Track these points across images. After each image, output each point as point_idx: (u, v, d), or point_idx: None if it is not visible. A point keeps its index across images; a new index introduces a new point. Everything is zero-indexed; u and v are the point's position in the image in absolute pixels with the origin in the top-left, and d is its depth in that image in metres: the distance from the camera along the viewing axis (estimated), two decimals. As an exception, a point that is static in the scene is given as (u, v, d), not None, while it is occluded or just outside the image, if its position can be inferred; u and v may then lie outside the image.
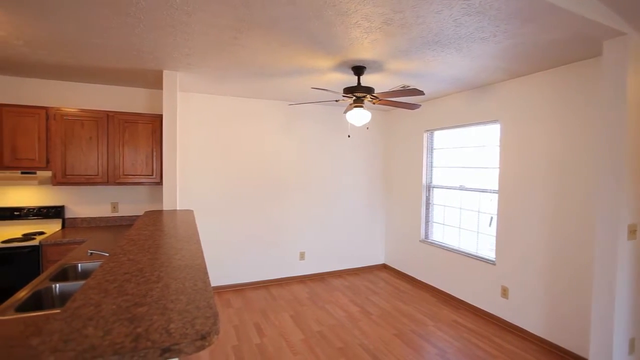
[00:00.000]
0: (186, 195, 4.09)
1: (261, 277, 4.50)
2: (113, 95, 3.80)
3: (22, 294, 1.73)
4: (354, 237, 5.15)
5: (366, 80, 3.44)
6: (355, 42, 2.45)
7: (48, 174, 3.28)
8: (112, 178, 3.49)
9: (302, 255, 4.74)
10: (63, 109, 3.32)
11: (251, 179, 4.44)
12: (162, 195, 3.97)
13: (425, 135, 4.64)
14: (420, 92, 2.71)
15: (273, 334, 3.15)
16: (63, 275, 2.15)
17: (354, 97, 3.01)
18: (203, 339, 0.78)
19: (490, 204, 3.72)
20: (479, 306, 3.69)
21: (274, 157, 4.56)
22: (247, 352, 2.84)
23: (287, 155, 4.64)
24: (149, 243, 1.72)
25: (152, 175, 3.61)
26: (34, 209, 3.45)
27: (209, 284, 1.12)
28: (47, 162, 3.28)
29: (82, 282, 1.97)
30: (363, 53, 2.70)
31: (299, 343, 3.00)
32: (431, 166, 4.67)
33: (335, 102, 3.36)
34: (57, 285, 1.88)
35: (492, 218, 3.71)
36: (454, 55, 2.72)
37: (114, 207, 3.80)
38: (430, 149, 4.67)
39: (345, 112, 3.41)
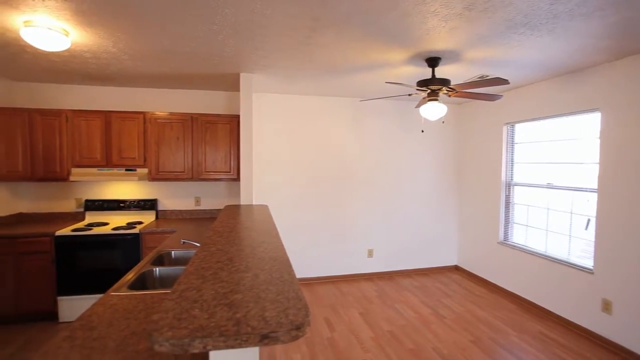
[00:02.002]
0: (258, 190, 4.33)
1: (329, 273, 4.57)
2: (196, 99, 4.17)
3: (131, 275, 1.99)
4: (424, 236, 4.95)
5: (441, 71, 3.26)
6: (431, 31, 2.34)
7: (145, 171, 3.73)
8: (195, 174, 3.83)
9: (370, 253, 4.70)
10: (156, 113, 3.74)
11: (320, 175, 4.52)
12: (238, 190, 4.26)
13: (505, 128, 4.25)
14: (504, 81, 2.48)
15: (343, 330, 3.18)
16: (160, 260, 2.42)
17: (429, 90, 2.88)
18: (298, 329, 0.81)
19: (587, 205, 3.28)
20: (572, 320, 3.27)
21: (343, 153, 4.59)
22: (319, 344, 2.91)
23: (356, 151, 4.64)
24: (233, 235, 1.85)
25: (229, 172, 3.89)
26: (134, 201, 3.95)
27: (295, 277, 1.16)
28: (144, 160, 3.73)
29: (176, 267, 2.19)
30: (439, 43, 2.56)
31: (369, 341, 2.98)
32: (512, 162, 4.27)
33: (408, 96, 3.25)
34: (158, 269, 2.13)
35: (589, 220, 3.26)
36: (544, 38, 2.44)
37: (197, 201, 4.18)
38: (511, 144, 4.27)
39: (418, 106, 3.27)
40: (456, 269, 5.08)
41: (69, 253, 3.31)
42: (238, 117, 3.86)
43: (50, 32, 2.18)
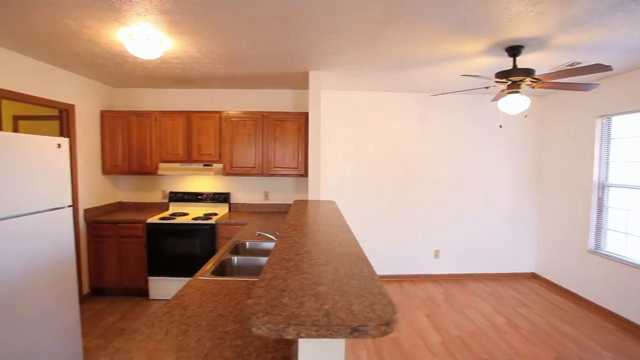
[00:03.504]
0: (323, 186, 4.40)
1: (393, 272, 4.50)
2: (265, 98, 4.37)
3: (212, 262, 2.17)
4: (497, 239, 4.61)
5: (522, 61, 2.99)
6: (515, 18, 2.15)
7: (220, 166, 4.02)
8: (265, 170, 4.03)
9: (436, 254, 4.52)
10: (230, 112, 4.01)
11: (386, 172, 4.46)
12: (305, 186, 4.38)
13: (598, 122, 3.75)
14: (606, 68, 2.19)
15: (408, 331, 3.11)
16: (236, 250, 2.60)
17: (509, 82, 2.66)
18: (387, 325, 0.81)
19: None
20: (685, 345, 2.79)
21: (410, 150, 4.47)
22: (384, 343, 2.89)
23: (424, 148, 4.48)
24: (307, 229, 1.91)
25: (297, 168, 4.02)
26: (210, 194, 4.29)
27: (375, 273, 1.16)
28: (220, 156, 4.02)
29: (250, 257, 2.34)
30: (523, 30, 2.34)
31: (437, 345, 2.87)
32: (606, 160, 3.75)
33: (484, 89, 3.04)
34: (235, 258, 2.29)
35: None
36: (661, 15, 2.09)
37: (266, 196, 4.40)
38: (606, 139, 3.75)
39: (496, 99, 3.05)
40: (534, 276, 4.64)
41: (157, 239, 3.71)
42: (305, 114, 3.97)
43: (149, 42, 2.45)
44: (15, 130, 4.50)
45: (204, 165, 4.03)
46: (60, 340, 2.35)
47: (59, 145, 2.38)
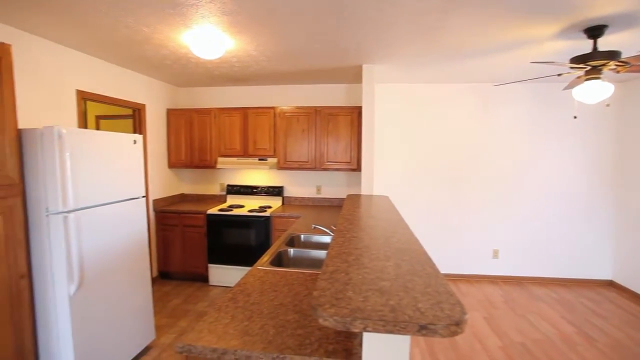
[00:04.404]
0: (375, 180, 4.35)
1: (448, 270, 4.33)
2: (318, 93, 4.41)
3: (270, 253, 2.25)
4: (565, 241, 4.21)
5: (602, 42, 2.67)
6: (600, -6, 1.92)
7: (274, 160, 4.15)
8: (318, 164, 4.08)
9: (495, 253, 4.25)
10: (284, 108, 4.10)
11: (441, 167, 4.28)
12: (356, 180, 4.37)
13: (700, 109, 3.23)
14: None
15: (465, 332, 2.98)
16: (291, 242, 2.68)
17: (588, 67, 2.39)
18: (457, 325, 0.79)
19: None
20: None
21: (468, 143, 4.24)
22: (438, 343, 2.80)
23: (483, 141, 4.22)
24: (363, 224, 1.90)
25: (349, 162, 4.01)
26: (265, 187, 4.46)
27: (438, 270, 1.13)
28: (274, 151, 4.15)
29: (304, 250, 2.39)
30: (608, 6, 2.09)
31: (496, 350, 2.72)
32: None
33: (556, 76, 2.76)
34: (291, 249, 2.36)
35: None
36: None
37: (318, 190, 4.46)
38: None
39: (570, 87, 2.76)
40: (611, 284, 4.17)
41: (216, 229, 3.95)
42: (358, 108, 3.93)
43: (211, 43, 2.59)
44: (98, 128, 5.04)
45: (259, 159, 4.19)
46: (137, 317, 2.62)
47: (135, 142, 2.63)
